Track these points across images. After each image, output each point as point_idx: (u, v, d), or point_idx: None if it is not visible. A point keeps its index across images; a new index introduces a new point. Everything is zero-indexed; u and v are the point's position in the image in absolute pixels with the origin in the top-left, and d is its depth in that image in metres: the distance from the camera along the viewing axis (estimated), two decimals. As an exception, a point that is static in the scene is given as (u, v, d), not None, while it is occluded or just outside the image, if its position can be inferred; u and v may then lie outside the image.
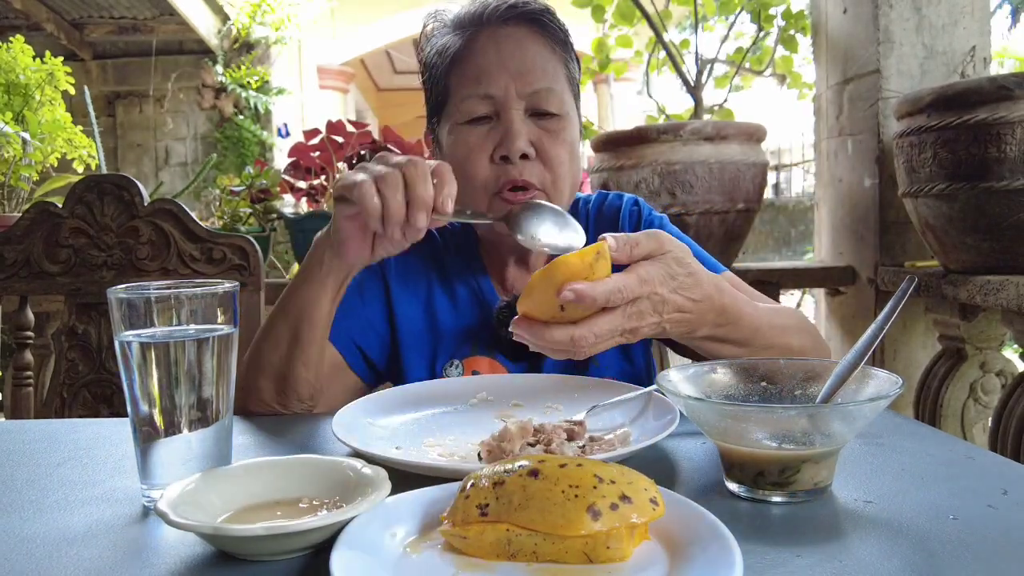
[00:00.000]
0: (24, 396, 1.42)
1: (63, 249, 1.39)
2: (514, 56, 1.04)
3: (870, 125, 2.33)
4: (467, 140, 1.05)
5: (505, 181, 1.03)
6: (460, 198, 1.06)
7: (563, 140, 1.06)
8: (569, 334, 0.71)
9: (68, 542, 0.57)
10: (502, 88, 1.03)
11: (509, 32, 1.06)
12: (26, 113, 2.25)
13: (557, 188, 1.06)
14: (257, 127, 6.00)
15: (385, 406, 0.89)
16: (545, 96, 1.04)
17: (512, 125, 1.03)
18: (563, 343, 0.72)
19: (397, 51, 9.05)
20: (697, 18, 2.85)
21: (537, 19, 1.07)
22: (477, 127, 1.05)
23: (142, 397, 0.64)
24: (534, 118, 1.05)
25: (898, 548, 0.53)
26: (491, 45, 1.05)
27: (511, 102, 1.03)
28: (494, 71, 1.03)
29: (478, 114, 1.04)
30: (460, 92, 1.06)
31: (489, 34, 1.06)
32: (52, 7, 5.72)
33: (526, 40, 1.06)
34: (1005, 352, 2.10)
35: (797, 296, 5.09)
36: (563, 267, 0.69)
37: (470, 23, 1.07)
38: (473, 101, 1.04)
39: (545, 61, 1.06)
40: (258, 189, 2.58)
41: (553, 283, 0.69)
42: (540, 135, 1.04)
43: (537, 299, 0.71)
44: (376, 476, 0.59)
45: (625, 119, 7.08)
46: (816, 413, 0.62)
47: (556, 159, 1.05)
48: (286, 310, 0.97)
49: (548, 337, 0.72)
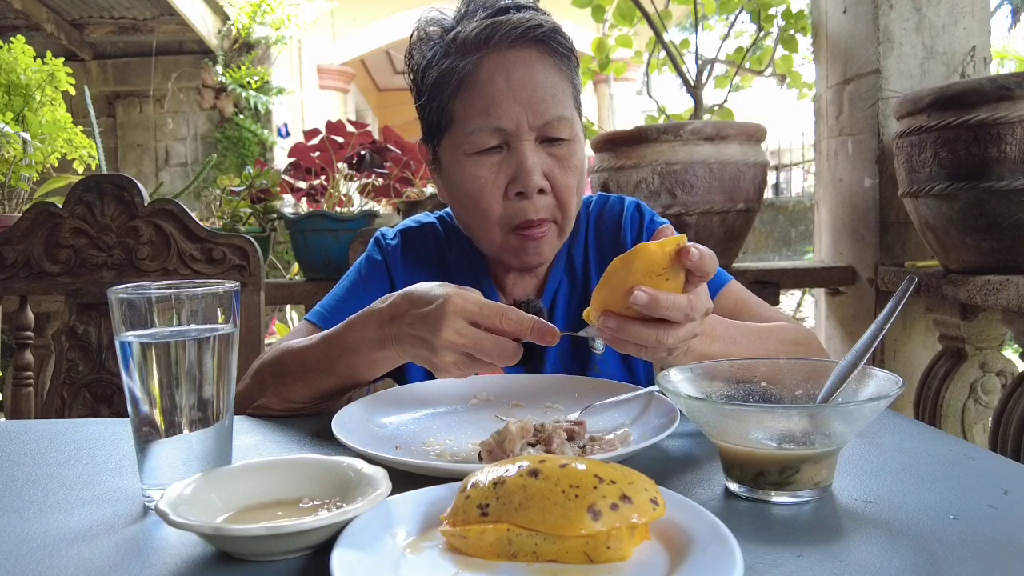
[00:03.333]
0: (24, 396, 1.42)
1: (63, 249, 1.39)
2: (525, 85, 1.00)
3: (870, 125, 2.33)
4: (478, 174, 1.02)
5: (523, 221, 1.02)
6: (473, 230, 1.08)
7: (573, 167, 1.04)
8: (655, 335, 0.72)
9: (68, 542, 0.57)
10: (513, 121, 0.99)
11: (517, 57, 1.01)
12: (26, 113, 2.25)
13: (566, 217, 1.06)
14: (257, 127, 6.00)
15: (385, 406, 0.89)
16: (557, 124, 1.01)
17: (526, 160, 1.00)
18: (648, 341, 0.73)
19: (397, 51, 9.06)
20: (697, 18, 2.85)
21: (545, 40, 1.02)
22: (487, 158, 1.02)
23: (142, 397, 0.64)
24: (544, 144, 1.02)
25: (898, 548, 0.53)
26: (500, 72, 1.00)
27: (523, 133, 1.00)
28: (504, 102, 0.99)
29: (488, 146, 1.01)
30: (468, 123, 1.01)
31: (497, 60, 1.00)
32: (52, 7, 5.72)
33: (536, 65, 1.01)
34: (1005, 352, 2.10)
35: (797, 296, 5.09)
36: (644, 255, 0.70)
37: (475, 47, 1.01)
38: (483, 134, 1.00)
39: (555, 86, 1.02)
40: (258, 189, 2.59)
41: (632, 272, 0.70)
42: (551, 165, 1.02)
43: (615, 287, 0.72)
44: (376, 476, 0.59)
45: (625, 119, 7.09)
46: (816, 413, 0.62)
47: (567, 189, 1.03)
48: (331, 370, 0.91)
49: (635, 334, 0.72)
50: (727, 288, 1.10)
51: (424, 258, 1.16)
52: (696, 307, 0.73)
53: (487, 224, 1.04)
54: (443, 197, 1.12)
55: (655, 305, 0.69)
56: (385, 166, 2.66)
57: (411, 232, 1.19)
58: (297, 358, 0.94)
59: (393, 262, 1.15)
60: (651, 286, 0.70)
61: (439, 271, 1.15)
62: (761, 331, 0.95)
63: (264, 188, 2.59)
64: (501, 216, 1.03)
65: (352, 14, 7.13)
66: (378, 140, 2.75)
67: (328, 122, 2.76)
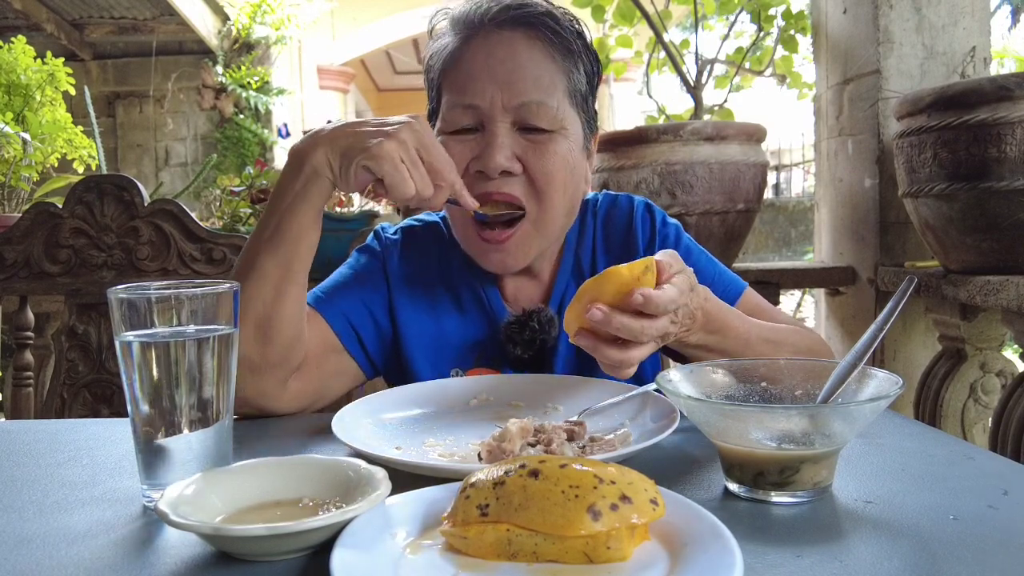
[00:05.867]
0: (24, 396, 1.42)
1: (63, 249, 1.39)
2: (504, 64, 0.96)
3: (870, 125, 2.33)
4: (450, 152, 0.95)
5: (481, 193, 0.96)
6: (449, 215, 1.06)
7: (554, 154, 0.98)
8: (619, 355, 0.77)
9: (68, 542, 0.57)
10: (487, 99, 0.96)
11: (503, 37, 0.98)
12: (27, 113, 2.25)
13: (544, 206, 0.99)
14: (257, 127, 6.00)
15: (385, 406, 0.89)
16: (534, 110, 0.96)
17: (495, 139, 0.96)
18: (613, 359, 0.78)
19: (397, 51, 9.06)
20: (697, 18, 2.85)
21: (535, 23, 0.98)
22: (461, 139, 0.99)
23: (142, 397, 0.64)
24: (522, 132, 0.98)
25: (898, 548, 0.53)
26: (481, 51, 0.98)
27: (496, 114, 0.96)
28: (480, 79, 0.96)
29: (462, 125, 0.98)
30: (448, 99, 1.00)
31: (482, 38, 0.98)
32: (52, 7, 5.72)
33: (520, 46, 0.97)
34: (1005, 352, 2.10)
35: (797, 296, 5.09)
36: (614, 277, 0.76)
37: (465, 25, 1.00)
38: (458, 111, 0.98)
39: (539, 71, 0.97)
40: (258, 189, 2.58)
41: (604, 292, 0.76)
42: (527, 149, 0.97)
43: (587, 306, 0.77)
44: (376, 476, 0.58)
45: (625, 119, 7.09)
46: (816, 413, 0.62)
47: (545, 175, 0.97)
48: (274, 243, 0.90)
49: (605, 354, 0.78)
50: (744, 296, 1.10)
51: (424, 257, 1.11)
52: (681, 297, 0.77)
53: (453, 210, 1.01)
54: None
55: (652, 301, 0.74)
56: (385, 166, 2.66)
57: (413, 230, 1.15)
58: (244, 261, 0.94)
59: (390, 257, 1.10)
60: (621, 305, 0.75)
61: (439, 272, 1.10)
62: (776, 329, 0.97)
63: (264, 188, 2.58)
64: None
65: (352, 14, 7.13)
66: (378, 140, 2.74)
67: (328, 122, 2.76)
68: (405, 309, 1.08)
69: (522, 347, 1.03)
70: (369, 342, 1.06)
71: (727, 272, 1.12)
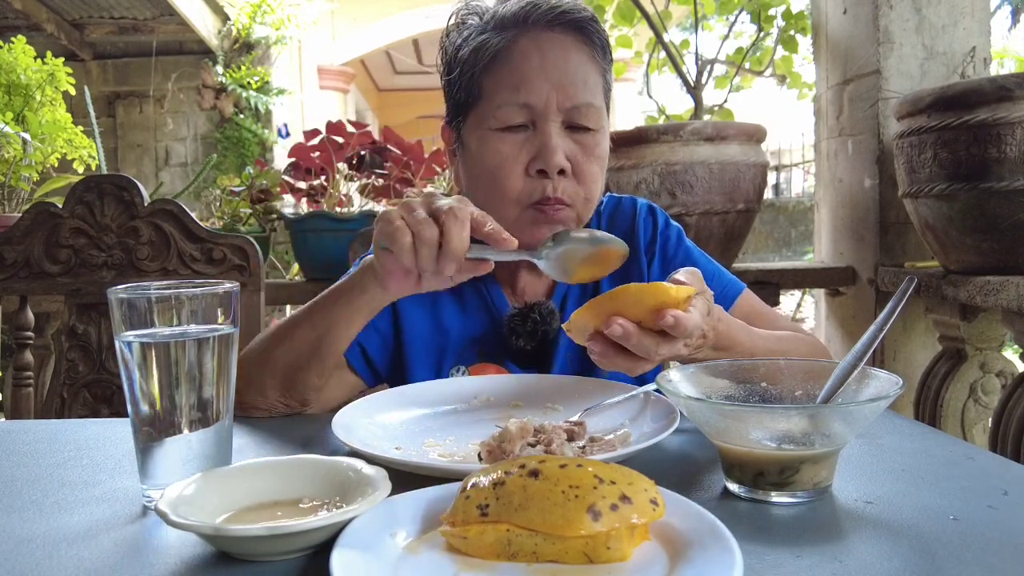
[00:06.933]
0: (24, 396, 1.42)
1: (63, 249, 1.39)
2: (558, 65, 0.99)
3: (870, 125, 2.33)
4: (500, 149, 1.00)
5: (541, 197, 1.00)
6: (487, 208, 1.06)
7: (597, 156, 1.03)
8: (629, 365, 0.76)
9: (68, 542, 0.57)
10: (543, 99, 0.99)
11: (554, 38, 1.00)
12: (27, 113, 2.25)
13: (587, 205, 1.04)
14: (257, 127, 6.00)
15: (385, 406, 0.89)
16: (585, 111, 1.00)
17: (550, 139, 0.99)
18: (623, 367, 0.76)
19: (397, 51, 9.06)
20: (697, 18, 2.85)
21: (583, 27, 1.02)
22: (511, 135, 1.01)
23: (142, 397, 0.64)
24: (569, 131, 1.01)
25: (898, 548, 0.53)
26: (534, 50, 1.00)
27: (550, 114, 0.99)
28: (535, 79, 0.99)
29: (514, 123, 1.00)
30: (497, 97, 1.01)
31: (532, 38, 1.00)
32: (52, 7, 5.72)
33: (571, 49, 1.01)
34: (1005, 352, 2.10)
35: (797, 296, 5.09)
36: (660, 294, 0.73)
37: (512, 24, 1.01)
38: (511, 109, 1.00)
39: (587, 73, 1.02)
40: (258, 189, 2.58)
41: (643, 305, 0.73)
42: (575, 150, 1.01)
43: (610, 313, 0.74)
44: (376, 476, 0.59)
45: (625, 119, 7.08)
46: (816, 413, 0.62)
47: (590, 176, 1.02)
48: (314, 322, 0.95)
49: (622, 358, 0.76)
50: (742, 297, 1.11)
51: None
52: (703, 321, 0.76)
53: (503, 201, 1.02)
54: (459, 185, 1.11)
55: (682, 325, 0.72)
56: (385, 166, 2.66)
57: None
58: (284, 327, 0.98)
59: None
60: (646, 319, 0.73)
61: None
62: (780, 339, 0.98)
63: (264, 188, 2.58)
64: (519, 193, 1.01)
65: (352, 14, 7.14)
66: (378, 140, 2.74)
67: (328, 122, 2.76)
68: (407, 310, 1.09)
69: (525, 339, 1.05)
70: (375, 354, 1.09)
71: (726, 274, 1.13)
